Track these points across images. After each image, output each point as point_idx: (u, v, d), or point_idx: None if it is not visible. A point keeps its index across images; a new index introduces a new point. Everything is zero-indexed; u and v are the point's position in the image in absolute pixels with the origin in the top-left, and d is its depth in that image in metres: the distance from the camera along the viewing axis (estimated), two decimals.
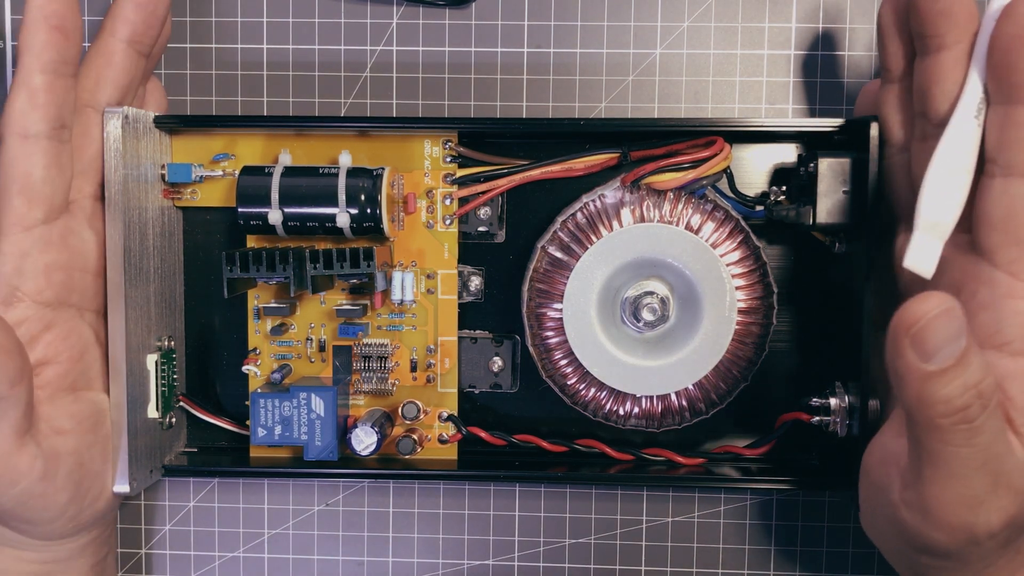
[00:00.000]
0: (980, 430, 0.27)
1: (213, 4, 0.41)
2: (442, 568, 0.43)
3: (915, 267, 0.32)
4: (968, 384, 0.26)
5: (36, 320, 0.34)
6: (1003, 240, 0.30)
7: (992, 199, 0.30)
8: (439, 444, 0.41)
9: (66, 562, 0.37)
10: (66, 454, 0.34)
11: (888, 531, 0.32)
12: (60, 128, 0.33)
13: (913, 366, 0.27)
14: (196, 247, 0.41)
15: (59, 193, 0.34)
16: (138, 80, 0.37)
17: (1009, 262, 0.30)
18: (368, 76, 0.41)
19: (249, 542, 0.44)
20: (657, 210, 0.37)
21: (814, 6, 0.40)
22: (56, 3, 0.32)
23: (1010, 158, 0.30)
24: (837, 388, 0.37)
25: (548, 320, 0.38)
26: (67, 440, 0.34)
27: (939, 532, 0.29)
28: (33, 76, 0.33)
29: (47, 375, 0.34)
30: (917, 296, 0.26)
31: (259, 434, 0.38)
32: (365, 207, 0.36)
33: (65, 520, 0.35)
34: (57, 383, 0.34)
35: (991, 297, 0.30)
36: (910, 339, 0.26)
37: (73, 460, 0.34)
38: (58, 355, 0.34)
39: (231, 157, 0.39)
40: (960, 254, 0.31)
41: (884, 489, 0.31)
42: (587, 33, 0.41)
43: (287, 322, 0.40)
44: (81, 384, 0.35)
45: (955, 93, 0.32)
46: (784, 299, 0.40)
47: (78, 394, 0.35)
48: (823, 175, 0.36)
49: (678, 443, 0.41)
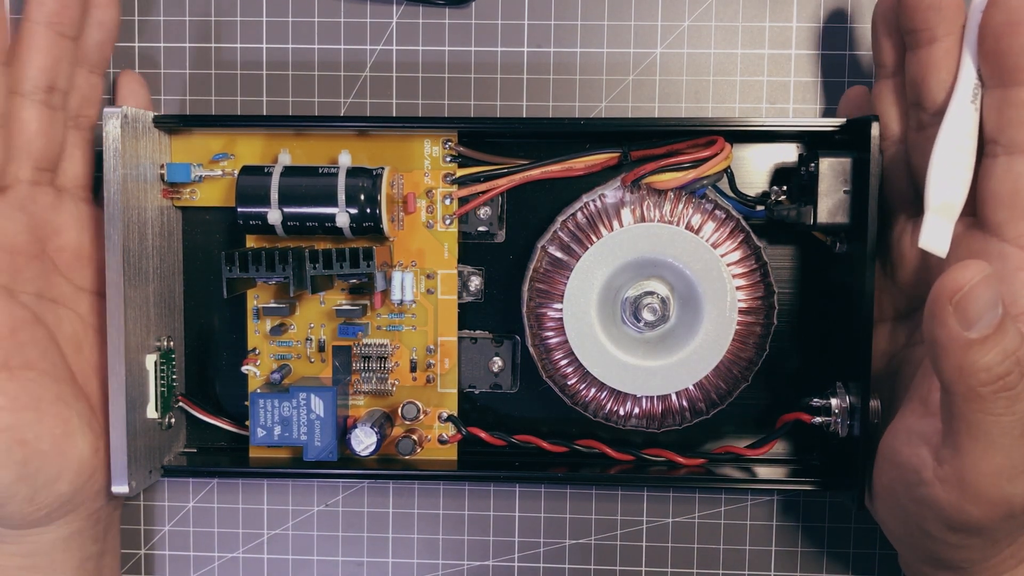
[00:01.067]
0: (1020, 397, 0.28)
1: (213, 4, 0.41)
2: (442, 569, 0.43)
3: (930, 247, 0.32)
4: (1008, 351, 0.27)
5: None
6: (1011, 215, 0.31)
7: (997, 177, 0.31)
8: (439, 444, 0.41)
9: (49, 555, 0.37)
10: (1, 431, 0.34)
11: (915, 512, 0.32)
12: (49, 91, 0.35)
13: (955, 334, 0.27)
14: (195, 247, 0.41)
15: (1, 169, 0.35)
16: (68, 63, 0.37)
17: (1018, 235, 0.31)
18: (368, 76, 0.41)
19: (248, 543, 0.43)
20: (657, 210, 0.37)
21: (815, 5, 0.40)
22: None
23: (1012, 136, 0.31)
24: (838, 388, 0.37)
25: (548, 320, 0.38)
26: (1, 417, 0.34)
27: (976, 506, 0.29)
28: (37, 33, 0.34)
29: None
30: (956, 265, 0.27)
31: (258, 434, 0.38)
32: (365, 207, 0.36)
33: (21, 502, 0.35)
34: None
35: (1004, 270, 0.31)
36: (953, 306, 0.27)
37: (9, 437, 0.34)
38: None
39: (230, 157, 0.39)
40: (968, 234, 0.33)
41: (914, 469, 0.31)
42: (587, 32, 0.41)
43: (286, 322, 0.40)
44: (16, 363, 0.35)
45: (949, 82, 0.33)
46: (785, 299, 0.40)
47: (13, 372, 0.34)
48: (824, 175, 0.36)
49: (679, 443, 0.41)
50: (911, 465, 0.32)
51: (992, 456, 0.28)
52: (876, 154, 0.34)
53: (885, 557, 0.42)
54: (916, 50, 0.34)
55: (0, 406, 0.34)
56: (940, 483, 0.30)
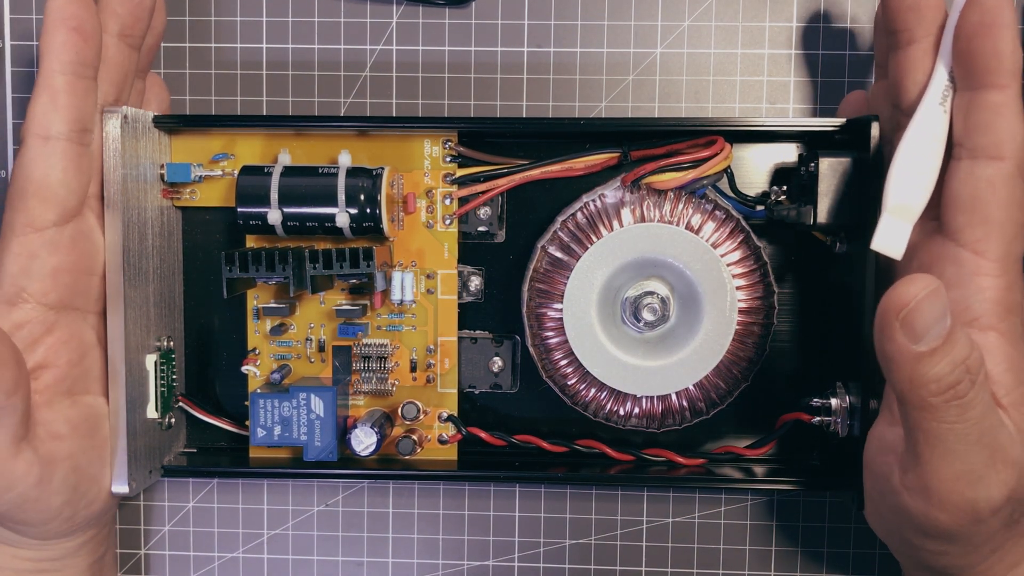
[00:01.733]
0: (972, 404, 0.28)
1: (212, 4, 0.41)
2: (442, 569, 0.43)
3: (883, 248, 0.32)
4: (956, 361, 0.27)
5: (39, 323, 0.34)
6: (968, 220, 0.31)
7: (959, 180, 0.31)
8: (439, 444, 0.41)
9: (62, 560, 0.37)
10: (62, 459, 0.34)
11: (893, 520, 0.32)
12: (81, 131, 0.34)
13: (904, 348, 0.27)
14: (195, 247, 0.41)
15: (74, 196, 0.34)
16: (132, 74, 0.37)
17: (975, 241, 0.31)
18: (368, 76, 0.41)
19: (248, 543, 0.43)
20: (657, 210, 0.37)
21: (815, 5, 0.40)
22: (74, 5, 0.33)
23: (976, 141, 0.31)
24: (838, 388, 0.37)
25: (548, 320, 0.38)
26: (63, 445, 0.34)
27: (943, 513, 0.29)
28: (54, 77, 0.33)
29: (46, 379, 0.34)
30: (902, 280, 0.27)
31: (259, 434, 0.38)
32: (365, 207, 0.36)
33: (60, 521, 0.35)
34: (55, 387, 0.34)
35: (958, 276, 0.31)
36: (900, 322, 0.27)
37: (69, 465, 0.34)
38: (58, 359, 0.34)
39: (230, 157, 0.39)
40: (928, 238, 0.32)
41: (885, 478, 0.32)
42: (587, 32, 0.41)
43: (286, 322, 0.40)
44: (79, 388, 0.35)
45: (923, 83, 0.33)
46: (785, 299, 0.40)
47: (76, 398, 0.35)
48: (824, 175, 0.36)
49: (678, 443, 0.41)
50: (882, 473, 0.32)
51: (951, 463, 0.29)
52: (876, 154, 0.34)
53: (885, 557, 0.42)
54: (895, 51, 0.34)
55: (64, 434, 0.34)
56: (907, 491, 0.30)
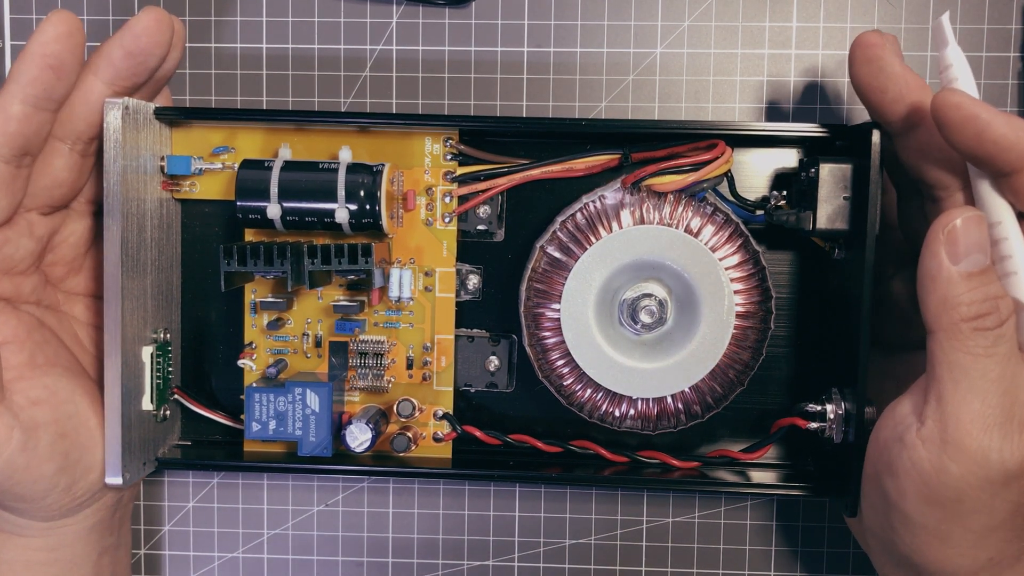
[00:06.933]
0: (999, 340, 0.30)
1: (212, 4, 0.41)
2: (442, 569, 0.43)
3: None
4: (989, 295, 0.30)
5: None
6: None
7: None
8: (434, 442, 0.41)
9: (71, 548, 0.37)
10: (45, 424, 0.34)
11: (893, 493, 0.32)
12: (22, 156, 0.34)
13: (944, 265, 0.30)
14: (194, 240, 0.41)
15: (1, 212, 0.34)
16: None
17: None
18: (368, 75, 0.41)
19: (248, 543, 0.44)
20: (657, 212, 0.37)
21: (815, 5, 0.40)
22: (58, 46, 0.32)
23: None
24: (834, 394, 0.37)
25: (545, 320, 0.38)
26: (44, 410, 0.35)
27: (955, 462, 0.30)
28: (13, 104, 0.33)
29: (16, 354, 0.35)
30: (951, 208, 0.30)
31: (253, 428, 0.38)
32: (364, 203, 0.36)
33: (59, 493, 0.35)
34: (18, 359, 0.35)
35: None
36: (944, 236, 0.30)
37: (54, 431, 0.35)
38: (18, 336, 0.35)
39: (231, 150, 0.39)
40: None
41: (897, 438, 0.32)
42: (587, 32, 0.41)
43: (284, 317, 0.40)
44: (41, 360, 0.35)
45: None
46: (782, 304, 0.40)
47: (42, 368, 0.35)
48: (824, 180, 0.36)
49: (673, 446, 0.41)
50: (895, 435, 0.32)
51: (971, 402, 0.30)
52: (876, 161, 0.34)
53: None
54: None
55: (42, 400, 0.35)
56: (922, 443, 0.31)
